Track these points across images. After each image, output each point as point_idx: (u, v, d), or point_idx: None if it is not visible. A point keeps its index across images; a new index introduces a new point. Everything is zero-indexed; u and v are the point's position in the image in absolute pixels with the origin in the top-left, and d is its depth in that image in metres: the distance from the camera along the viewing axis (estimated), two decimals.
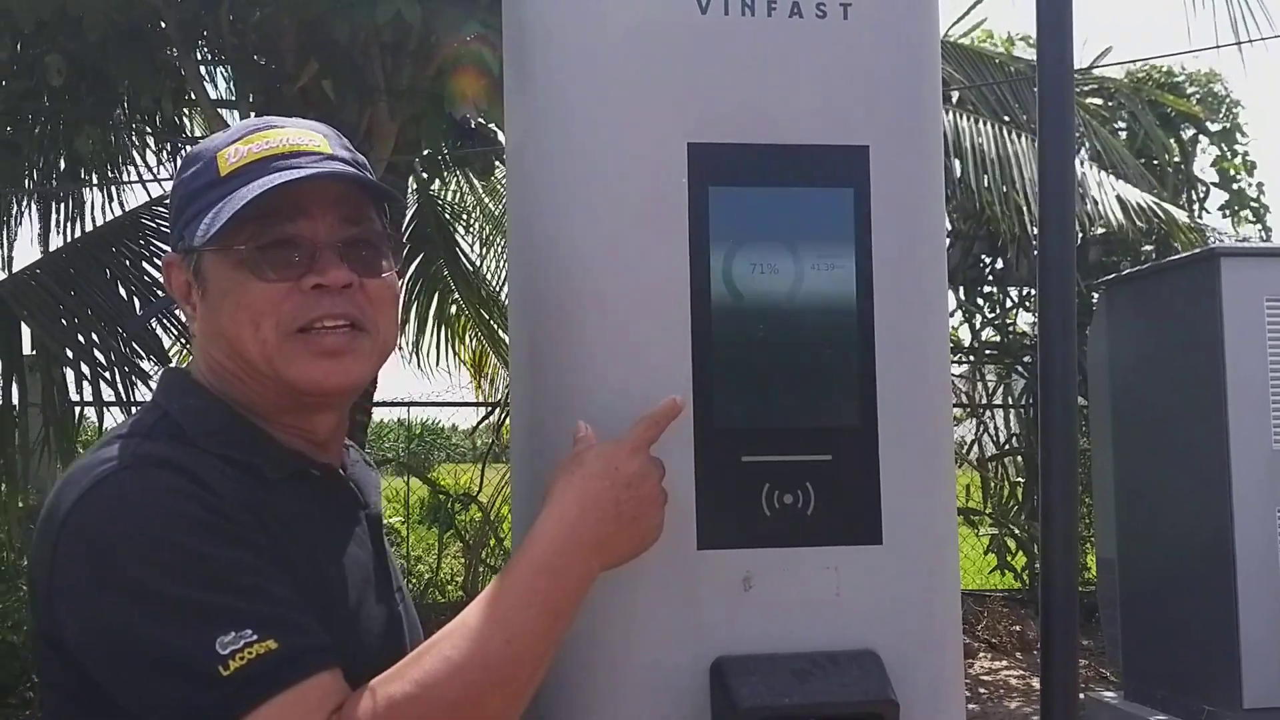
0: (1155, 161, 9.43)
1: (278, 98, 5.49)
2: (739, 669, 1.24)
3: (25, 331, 5.91)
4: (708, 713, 1.24)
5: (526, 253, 1.41)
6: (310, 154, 1.26)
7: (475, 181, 9.18)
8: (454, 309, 9.34)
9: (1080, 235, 7.03)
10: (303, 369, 1.23)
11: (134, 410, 1.35)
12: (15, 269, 6.36)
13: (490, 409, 9.48)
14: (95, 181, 6.95)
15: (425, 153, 5.86)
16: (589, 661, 1.28)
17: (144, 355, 5.92)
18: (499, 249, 9.89)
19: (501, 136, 5.63)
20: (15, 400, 5.93)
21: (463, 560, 9.23)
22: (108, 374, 5.70)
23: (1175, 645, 5.66)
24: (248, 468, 1.21)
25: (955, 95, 7.87)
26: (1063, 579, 1.47)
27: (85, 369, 5.72)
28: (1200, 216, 9.93)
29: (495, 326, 9.27)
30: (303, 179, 1.23)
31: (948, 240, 9.45)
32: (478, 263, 9.56)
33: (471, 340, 9.73)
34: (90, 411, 5.94)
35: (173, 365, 1.37)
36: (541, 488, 1.35)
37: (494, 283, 9.75)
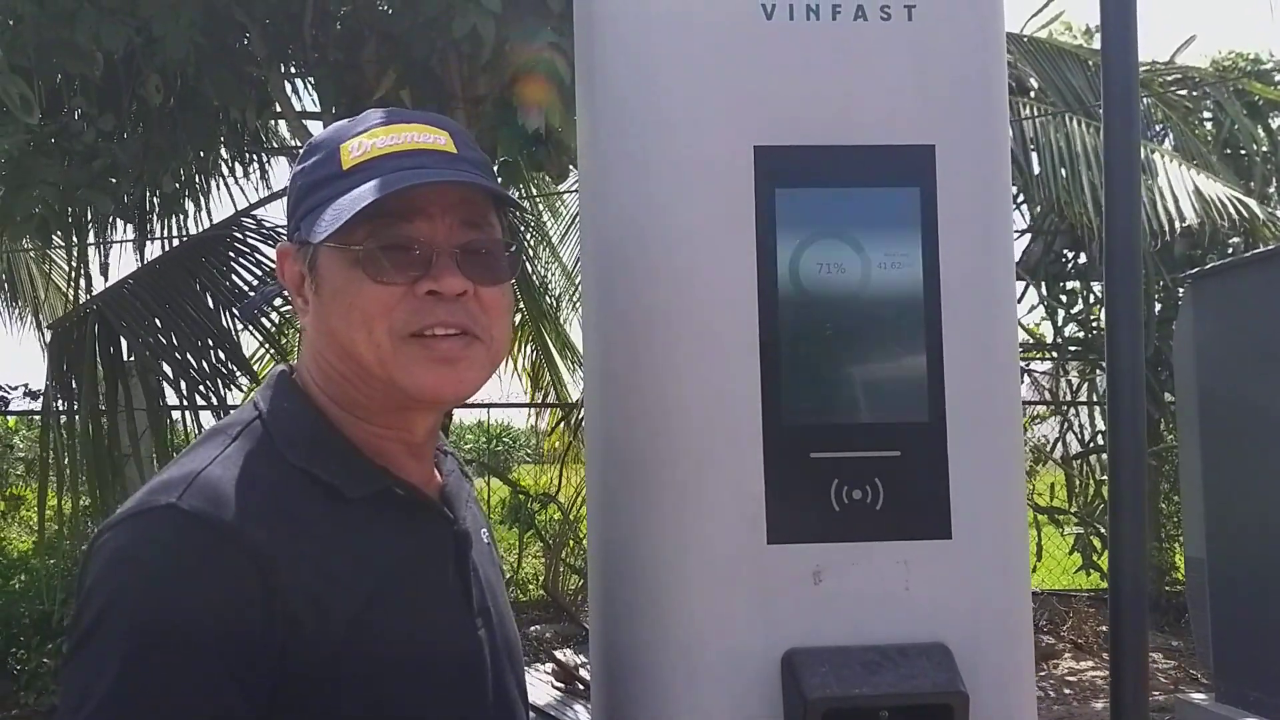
0: (1243, 151, 9.20)
1: (359, 108, 5.62)
2: (809, 660, 1.26)
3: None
4: (779, 703, 1.27)
5: (598, 257, 1.45)
6: (435, 153, 1.24)
7: (549, 186, 9.27)
8: (518, 318, 9.44)
9: (1165, 230, 6.88)
10: (418, 376, 1.21)
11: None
12: (113, 277, 6.59)
13: (566, 410, 9.56)
14: (186, 197, 7.14)
15: (503, 159, 5.95)
16: (664, 653, 1.31)
17: (232, 363, 6.09)
18: (557, 260, 10.01)
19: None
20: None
21: (543, 560, 9.33)
22: (200, 383, 5.89)
23: (1267, 646, 5.52)
24: (328, 487, 1.20)
25: (1033, 89, 7.77)
26: (1130, 571, 1.47)
27: (170, 373, 5.91)
28: None
29: (549, 341, 9.37)
30: (427, 184, 1.20)
31: (1028, 236, 9.34)
32: (543, 272, 9.67)
33: (531, 350, 9.85)
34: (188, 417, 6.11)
35: (282, 365, 1.39)
36: (615, 486, 1.39)
37: (557, 292, 9.85)
